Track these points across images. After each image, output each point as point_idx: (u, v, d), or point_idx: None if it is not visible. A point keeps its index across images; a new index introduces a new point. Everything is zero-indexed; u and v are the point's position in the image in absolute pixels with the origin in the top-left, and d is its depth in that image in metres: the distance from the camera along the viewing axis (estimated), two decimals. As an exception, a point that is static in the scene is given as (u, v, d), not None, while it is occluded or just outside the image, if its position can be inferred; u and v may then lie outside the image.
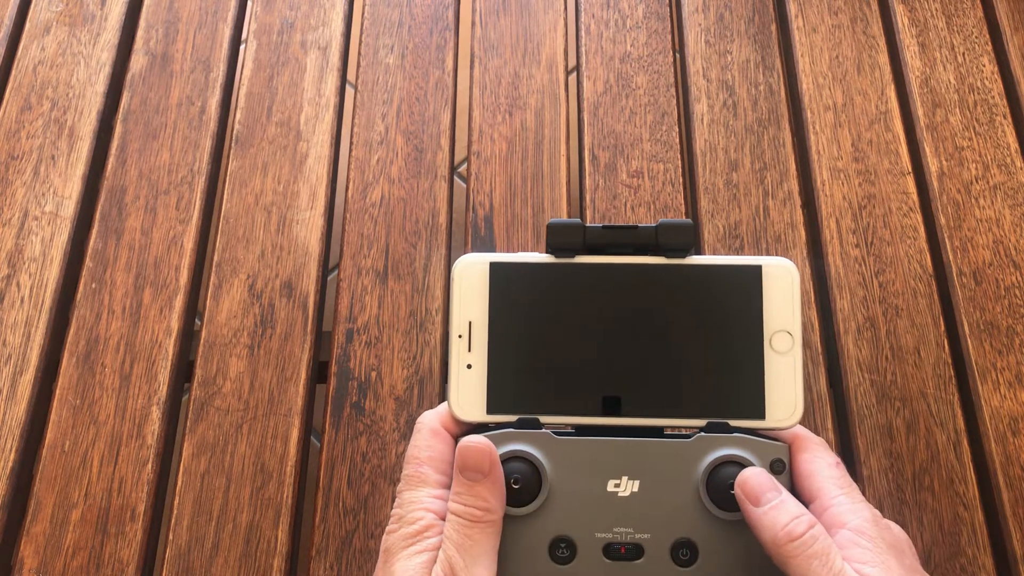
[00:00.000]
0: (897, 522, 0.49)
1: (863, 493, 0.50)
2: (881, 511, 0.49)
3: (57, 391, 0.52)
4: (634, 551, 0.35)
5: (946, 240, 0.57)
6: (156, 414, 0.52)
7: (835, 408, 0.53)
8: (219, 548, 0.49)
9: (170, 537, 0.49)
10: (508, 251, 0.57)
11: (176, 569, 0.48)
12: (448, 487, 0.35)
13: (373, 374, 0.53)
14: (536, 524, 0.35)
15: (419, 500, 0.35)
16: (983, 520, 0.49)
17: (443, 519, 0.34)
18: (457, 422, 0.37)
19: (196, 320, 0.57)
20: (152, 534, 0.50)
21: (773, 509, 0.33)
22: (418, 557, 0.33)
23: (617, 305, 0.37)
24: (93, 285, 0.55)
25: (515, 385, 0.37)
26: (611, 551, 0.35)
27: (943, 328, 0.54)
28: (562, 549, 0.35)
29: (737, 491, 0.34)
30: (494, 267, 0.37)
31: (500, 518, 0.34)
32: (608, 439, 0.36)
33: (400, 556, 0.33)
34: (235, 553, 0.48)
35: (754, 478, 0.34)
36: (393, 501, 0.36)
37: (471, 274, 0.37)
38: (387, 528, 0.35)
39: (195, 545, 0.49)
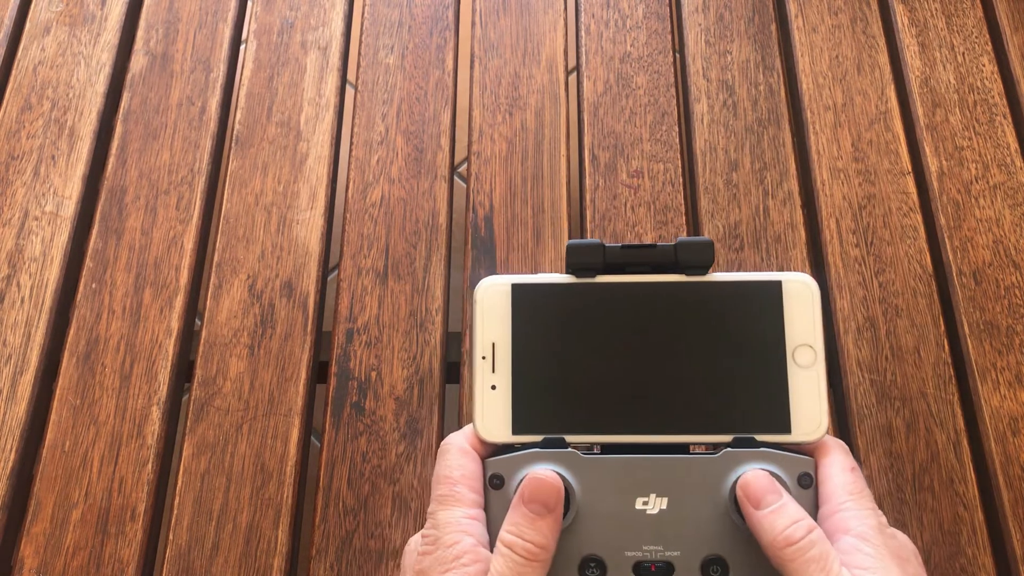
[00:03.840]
0: (897, 522, 0.49)
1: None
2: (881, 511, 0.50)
3: (57, 391, 0.52)
4: (664, 569, 0.35)
5: (946, 240, 0.57)
6: (156, 414, 0.52)
7: (835, 408, 0.53)
8: (219, 548, 0.49)
9: (170, 537, 0.49)
10: (508, 251, 0.57)
11: (176, 569, 0.48)
12: (481, 507, 0.35)
13: (373, 374, 0.53)
14: (565, 544, 0.35)
15: (456, 522, 0.34)
16: (983, 520, 0.49)
17: (482, 544, 0.34)
18: (482, 443, 0.36)
19: (196, 320, 0.57)
20: (152, 534, 0.50)
21: (772, 513, 0.33)
22: None
23: (639, 323, 0.37)
24: (93, 285, 0.55)
25: (540, 405, 0.36)
26: (641, 569, 0.35)
27: (943, 328, 0.54)
28: (592, 568, 0.35)
29: (739, 493, 0.34)
30: (516, 288, 0.37)
31: (551, 557, 0.34)
32: (635, 456, 0.36)
33: None
34: (235, 553, 0.48)
35: (755, 481, 0.34)
36: (425, 522, 0.35)
37: (493, 295, 0.37)
38: (420, 549, 0.34)
39: (195, 545, 0.49)
